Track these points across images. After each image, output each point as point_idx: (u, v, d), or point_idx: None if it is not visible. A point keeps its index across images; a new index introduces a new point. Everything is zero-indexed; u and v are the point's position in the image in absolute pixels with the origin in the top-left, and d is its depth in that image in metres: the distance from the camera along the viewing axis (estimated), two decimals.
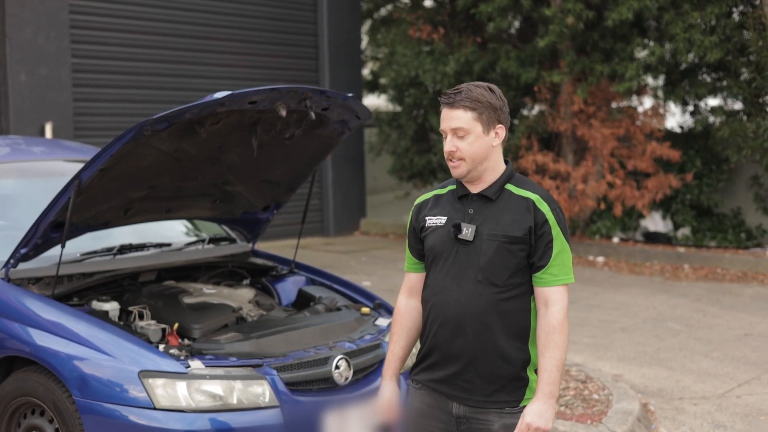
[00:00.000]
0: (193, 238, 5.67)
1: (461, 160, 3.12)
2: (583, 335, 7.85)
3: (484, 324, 3.07)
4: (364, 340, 4.58)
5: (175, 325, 4.57)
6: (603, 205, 12.17)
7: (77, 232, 4.71)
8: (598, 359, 7.10)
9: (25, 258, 4.57)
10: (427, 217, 3.23)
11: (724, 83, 11.67)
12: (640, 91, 12.23)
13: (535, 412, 3.02)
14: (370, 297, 5.26)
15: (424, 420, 3.22)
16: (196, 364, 4.08)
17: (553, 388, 3.03)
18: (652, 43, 11.62)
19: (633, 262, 11.56)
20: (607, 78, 11.75)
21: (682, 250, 11.73)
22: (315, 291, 5.33)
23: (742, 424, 5.75)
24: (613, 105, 12.39)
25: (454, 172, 3.15)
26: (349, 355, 4.38)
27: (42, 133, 10.44)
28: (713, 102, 12.43)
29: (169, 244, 5.34)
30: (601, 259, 11.77)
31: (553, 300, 3.09)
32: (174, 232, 5.66)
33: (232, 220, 5.56)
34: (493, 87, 3.17)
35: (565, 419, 5.50)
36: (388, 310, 5.08)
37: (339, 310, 5.03)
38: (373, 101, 17.62)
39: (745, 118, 11.36)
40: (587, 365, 6.79)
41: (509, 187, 3.17)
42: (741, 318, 8.50)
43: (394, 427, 3.35)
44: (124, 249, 5.06)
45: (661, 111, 12.30)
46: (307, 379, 4.26)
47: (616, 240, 12.32)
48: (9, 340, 4.38)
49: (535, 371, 3.16)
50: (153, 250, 5.20)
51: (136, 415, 3.97)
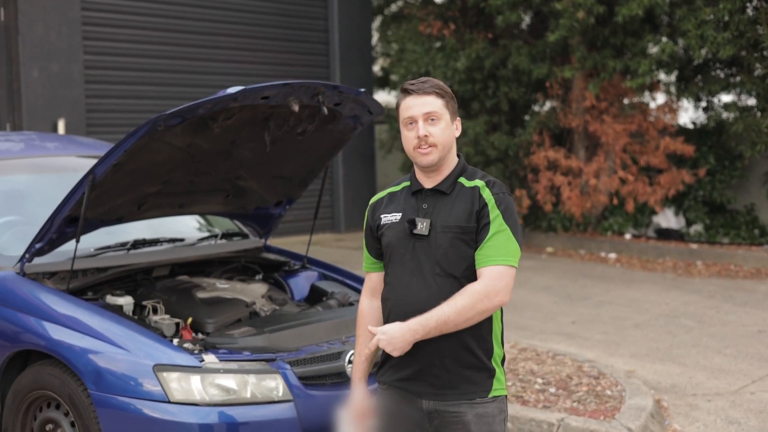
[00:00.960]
0: (206, 234, 5.68)
1: (433, 146, 3.10)
2: (595, 331, 7.83)
3: None
4: None
5: (189, 319, 4.60)
6: (615, 201, 12.14)
7: (91, 227, 4.73)
8: (611, 355, 7.08)
9: (40, 253, 4.60)
10: (382, 215, 3.21)
11: (738, 79, 11.62)
12: (653, 86, 12.19)
13: (388, 331, 3.00)
14: None
15: (395, 420, 3.17)
16: (210, 358, 4.10)
17: (418, 328, 2.97)
18: (664, 39, 11.57)
19: (645, 259, 11.53)
20: (620, 74, 11.71)
21: (694, 246, 11.68)
22: (327, 286, 5.34)
23: (756, 421, 5.73)
24: (626, 101, 12.35)
25: (425, 159, 3.10)
26: None
27: (54, 129, 10.47)
28: (726, 98, 12.38)
29: (182, 240, 5.37)
30: (613, 255, 11.74)
31: (482, 276, 3.04)
32: (187, 227, 5.68)
33: (244, 215, 5.58)
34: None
35: (578, 415, 5.49)
36: None
37: (351, 305, 5.04)
38: (383, 98, 17.62)
39: (759, 114, 11.31)
40: (600, 361, 6.77)
41: (461, 180, 3.16)
42: (754, 314, 8.47)
43: (368, 430, 3.29)
44: (138, 244, 5.08)
45: (674, 106, 12.26)
46: (320, 374, 4.28)
47: (628, 236, 12.29)
48: (25, 333, 4.42)
49: (501, 362, 3.15)
50: (166, 245, 5.23)
51: (150, 409, 4.00)
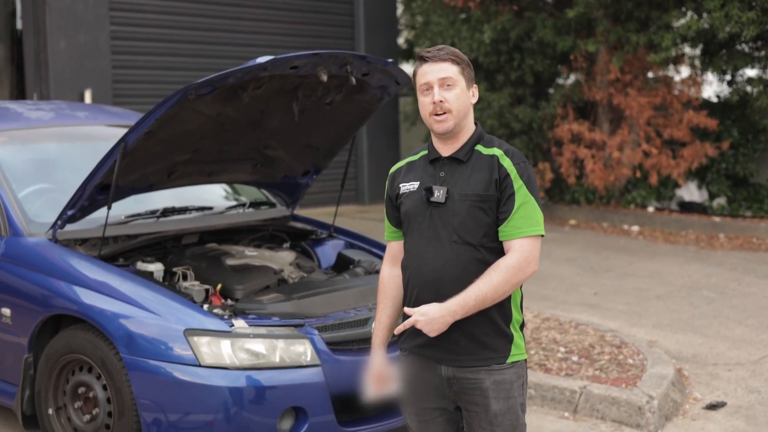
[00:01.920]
0: (234, 203, 5.75)
1: (448, 112, 3.12)
2: (617, 302, 7.87)
3: (464, 284, 3.04)
4: None
5: (219, 285, 4.67)
6: (638, 174, 12.12)
7: (123, 194, 4.81)
8: (633, 326, 7.12)
9: (72, 219, 4.68)
10: (401, 184, 3.24)
11: (762, 53, 11.53)
12: (678, 59, 12.13)
13: (426, 312, 3.02)
14: None
15: (417, 386, 3.23)
16: (240, 323, 4.18)
17: (457, 309, 3.00)
18: (690, 13, 11.49)
19: (668, 232, 11.53)
20: (644, 47, 11.66)
21: (717, 219, 11.67)
22: (354, 254, 5.41)
23: None
24: (650, 74, 12.30)
25: (441, 126, 3.13)
26: None
27: (81, 100, 10.56)
28: (751, 72, 12.30)
29: (210, 208, 5.44)
30: (635, 228, 11.75)
31: (513, 249, 3.07)
32: (215, 196, 5.75)
33: (272, 184, 5.64)
34: None
35: (600, 383, 5.55)
36: None
37: (377, 272, 5.10)
38: (408, 70, 17.57)
39: None
40: (622, 331, 6.81)
41: (479, 147, 3.18)
42: None
43: (389, 395, 3.33)
44: (167, 212, 5.16)
45: (698, 80, 12.20)
46: (347, 339, 4.35)
47: (651, 209, 12.28)
48: (57, 299, 4.51)
49: (520, 327, 3.18)
50: (195, 214, 5.30)
51: (181, 372, 4.08)
